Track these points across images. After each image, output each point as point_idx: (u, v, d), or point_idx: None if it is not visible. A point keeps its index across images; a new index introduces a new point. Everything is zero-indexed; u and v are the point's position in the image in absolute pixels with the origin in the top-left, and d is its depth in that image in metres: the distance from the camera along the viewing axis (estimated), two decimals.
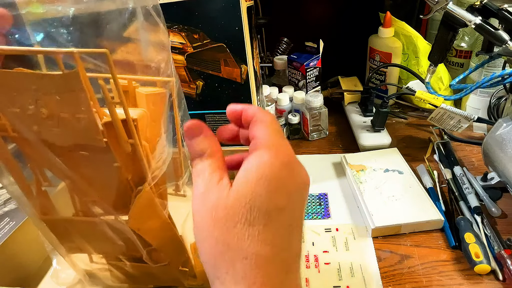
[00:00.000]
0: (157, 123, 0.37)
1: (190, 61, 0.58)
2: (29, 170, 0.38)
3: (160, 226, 0.39)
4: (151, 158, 0.35)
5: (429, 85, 0.71)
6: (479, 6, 0.59)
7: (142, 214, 0.37)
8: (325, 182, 0.67)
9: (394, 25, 0.82)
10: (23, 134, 0.33)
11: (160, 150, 0.36)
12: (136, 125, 0.33)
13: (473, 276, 0.48)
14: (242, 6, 0.52)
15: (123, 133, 0.33)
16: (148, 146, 0.35)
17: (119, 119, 0.32)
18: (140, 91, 0.37)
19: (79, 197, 0.39)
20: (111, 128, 0.32)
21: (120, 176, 0.35)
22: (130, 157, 0.34)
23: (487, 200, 0.57)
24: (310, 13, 0.99)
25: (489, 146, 0.58)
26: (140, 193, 0.35)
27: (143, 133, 0.35)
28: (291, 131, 0.82)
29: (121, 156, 0.34)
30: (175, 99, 0.40)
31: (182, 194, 0.44)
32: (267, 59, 0.99)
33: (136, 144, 0.33)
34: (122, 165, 0.34)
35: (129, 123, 0.32)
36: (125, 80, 0.37)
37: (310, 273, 0.50)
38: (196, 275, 0.47)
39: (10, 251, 0.51)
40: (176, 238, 0.42)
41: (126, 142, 0.33)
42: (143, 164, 0.34)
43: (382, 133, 0.76)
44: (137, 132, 0.33)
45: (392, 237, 0.55)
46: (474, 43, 0.79)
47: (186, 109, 0.42)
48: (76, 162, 0.35)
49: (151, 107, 0.37)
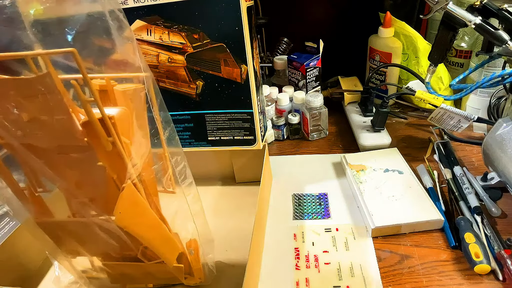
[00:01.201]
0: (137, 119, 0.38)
1: (190, 61, 0.58)
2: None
3: (149, 223, 0.39)
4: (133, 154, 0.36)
5: (429, 85, 0.71)
6: (479, 6, 0.59)
7: (128, 211, 0.37)
8: (325, 182, 0.67)
9: (394, 25, 0.82)
10: (8, 140, 0.34)
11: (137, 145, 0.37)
12: (114, 123, 0.33)
13: (473, 276, 0.48)
14: (242, 6, 0.52)
15: (102, 132, 0.33)
16: (129, 143, 0.35)
17: (96, 118, 0.32)
18: (117, 88, 0.38)
19: (71, 200, 0.39)
20: (91, 127, 0.33)
21: (106, 176, 0.35)
22: (113, 156, 0.34)
23: (487, 200, 0.57)
24: (310, 13, 0.99)
25: (489, 146, 0.58)
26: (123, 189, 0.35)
27: (125, 130, 0.35)
28: (291, 131, 0.82)
29: (104, 155, 0.34)
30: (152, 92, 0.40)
31: (171, 191, 0.44)
32: (267, 59, 0.99)
33: (115, 142, 0.34)
34: (107, 164, 0.35)
35: (105, 120, 0.33)
36: (103, 80, 0.37)
37: (310, 273, 0.50)
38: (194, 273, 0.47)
39: (10, 251, 0.51)
40: (166, 235, 0.42)
41: (106, 140, 0.33)
42: (124, 160, 0.35)
43: (382, 133, 0.76)
44: (115, 130, 0.34)
45: (392, 237, 0.55)
46: (474, 43, 0.79)
47: (163, 103, 0.42)
48: (64, 165, 0.35)
49: (129, 103, 0.37)
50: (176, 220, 0.43)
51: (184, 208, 0.43)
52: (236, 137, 0.63)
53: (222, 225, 0.59)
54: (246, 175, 0.69)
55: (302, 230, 0.58)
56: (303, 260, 0.52)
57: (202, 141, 0.65)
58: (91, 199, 0.37)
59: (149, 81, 0.39)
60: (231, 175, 0.70)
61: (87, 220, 0.38)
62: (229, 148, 0.65)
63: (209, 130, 0.63)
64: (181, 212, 0.43)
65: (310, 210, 0.61)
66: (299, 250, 0.54)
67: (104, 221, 0.37)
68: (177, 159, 0.43)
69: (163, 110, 0.42)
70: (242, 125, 0.62)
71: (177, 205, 0.43)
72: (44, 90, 0.30)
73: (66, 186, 0.37)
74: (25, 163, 0.37)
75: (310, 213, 0.61)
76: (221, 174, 0.71)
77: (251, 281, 0.46)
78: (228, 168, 0.70)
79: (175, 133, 0.43)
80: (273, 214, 0.61)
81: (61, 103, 0.31)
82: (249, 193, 0.66)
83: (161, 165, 0.42)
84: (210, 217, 0.48)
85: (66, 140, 0.33)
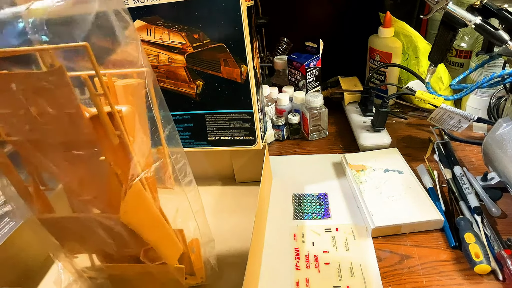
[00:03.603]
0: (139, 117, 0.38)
1: (190, 61, 0.58)
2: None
3: (152, 220, 0.40)
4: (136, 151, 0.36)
5: (429, 85, 0.71)
6: (479, 6, 0.59)
7: (134, 208, 0.37)
8: (325, 182, 0.67)
9: (394, 25, 0.82)
10: (16, 135, 0.34)
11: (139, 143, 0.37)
12: (122, 117, 0.34)
13: (473, 276, 0.48)
14: (242, 6, 0.52)
15: (110, 125, 0.33)
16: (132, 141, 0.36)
17: (105, 111, 0.33)
18: (118, 83, 0.38)
19: (75, 197, 0.39)
20: (98, 122, 0.33)
21: (110, 173, 0.35)
22: (119, 152, 0.35)
23: (487, 200, 0.57)
24: (310, 13, 0.99)
25: (489, 146, 0.58)
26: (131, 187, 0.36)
27: (130, 128, 0.36)
28: (291, 131, 0.82)
29: (109, 150, 0.34)
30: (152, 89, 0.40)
31: (170, 187, 0.44)
32: (267, 59, 0.99)
33: (123, 135, 0.34)
34: (111, 160, 0.35)
35: (114, 114, 0.33)
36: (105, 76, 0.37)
37: (310, 273, 0.50)
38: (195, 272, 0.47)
39: (10, 250, 0.51)
40: (168, 234, 0.42)
41: (113, 133, 0.34)
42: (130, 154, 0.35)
43: (382, 133, 0.76)
44: (123, 123, 0.34)
45: (392, 237, 0.55)
46: (474, 43, 0.79)
47: (164, 102, 0.42)
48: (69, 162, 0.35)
49: (129, 98, 0.38)
50: (178, 218, 0.43)
51: (185, 206, 0.43)
52: (236, 137, 0.63)
53: (222, 225, 0.59)
54: (246, 175, 0.69)
55: (302, 230, 0.58)
56: (303, 260, 0.52)
57: (202, 141, 0.65)
58: (94, 196, 0.37)
59: (149, 77, 0.39)
60: (231, 175, 0.70)
61: (89, 216, 0.38)
62: (229, 148, 0.65)
63: (209, 130, 0.63)
64: (182, 210, 0.44)
65: (310, 210, 0.61)
66: (299, 250, 0.54)
67: (107, 218, 0.38)
68: (177, 157, 0.43)
69: (163, 108, 0.42)
70: (242, 125, 0.62)
71: (178, 203, 0.43)
72: (55, 84, 0.31)
73: (70, 183, 0.37)
74: (29, 160, 0.37)
75: (310, 213, 0.61)
76: (221, 174, 0.71)
77: (251, 281, 0.46)
78: (228, 168, 0.70)
79: (175, 131, 0.43)
80: (273, 214, 0.61)
81: (71, 97, 0.31)
82: (249, 193, 0.66)
83: (161, 162, 0.43)
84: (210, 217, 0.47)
85: (73, 134, 0.34)
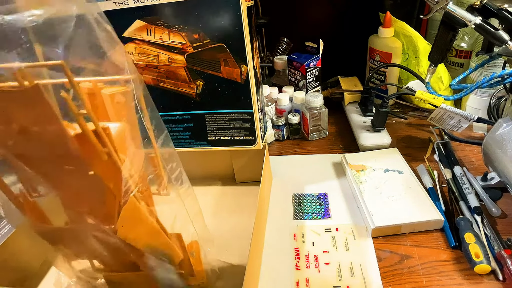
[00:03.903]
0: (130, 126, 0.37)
1: (190, 61, 0.58)
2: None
3: (149, 232, 0.39)
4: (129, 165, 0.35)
5: (429, 85, 0.71)
6: (479, 6, 0.59)
7: (129, 222, 0.36)
8: (325, 182, 0.67)
9: (394, 25, 0.82)
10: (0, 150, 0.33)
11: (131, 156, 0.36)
12: (108, 134, 0.33)
13: (473, 276, 0.48)
14: (242, 6, 0.52)
15: (97, 144, 0.32)
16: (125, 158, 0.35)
17: (90, 130, 0.32)
18: (104, 92, 0.37)
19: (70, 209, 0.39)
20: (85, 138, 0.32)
21: (103, 186, 0.35)
22: (110, 166, 0.34)
23: (487, 200, 0.57)
24: (310, 13, 0.99)
25: (489, 146, 0.58)
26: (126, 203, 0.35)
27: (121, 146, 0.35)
28: (291, 131, 0.82)
29: (99, 166, 0.34)
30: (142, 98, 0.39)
31: (165, 193, 0.43)
32: (267, 59, 0.99)
33: (111, 153, 0.33)
34: (102, 174, 0.34)
35: (99, 132, 0.32)
36: (90, 83, 0.36)
37: (310, 273, 0.50)
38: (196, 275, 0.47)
39: (10, 251, 0.51)
40: (167, 243, 0.41)
41: (101, 151, 0.33)
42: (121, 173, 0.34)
43: (382, 133, 0.76)
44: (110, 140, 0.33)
45: (392, 237, 0.55)
46: (474, 43, 0.79)
47: (154, 108, 0.40)
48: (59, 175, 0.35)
49: (117, 108, 0.37)
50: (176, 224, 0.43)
51: (182, 212, 0.43)
52: (236, 137, 0.63)
53: (222, 225, 0.59)
54: (246, 175, 0.69)
55: (302, 230, 0.58)
56: (303, 260, 0.52)
57: (202, 141, 0.65)
58: (91, 208, 0.37)
59: (138, 85, 0.37)
60: (231, 175, 0.70)
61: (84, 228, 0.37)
62: (229, 148, 0.65)
63: (209, 130, 0.63)
64: (180, 216, 0.43)
65: (310, 210, 0.61)
66: (299, 250, 0.54)
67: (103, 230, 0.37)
68: (172, 166, 0.42)
69: (155, 119, 0.40)
70: (242, 125, 0.62)
71: (175, 210, 0.43)
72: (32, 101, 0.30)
73: (64, 196, 0.37)
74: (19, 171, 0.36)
75: (310, 213, 0.61)
76: (221, 174, 0.71)
77: (251, 281, 0.46)
78: (228, 168, 0.70)
79: (169, 139, 0.42)
80: (273, 214, 0.61)
81: (51, 114, 0.30)
82: (249, 193, 0.66)
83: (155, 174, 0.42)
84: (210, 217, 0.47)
85: (60, 150, 0.33)
